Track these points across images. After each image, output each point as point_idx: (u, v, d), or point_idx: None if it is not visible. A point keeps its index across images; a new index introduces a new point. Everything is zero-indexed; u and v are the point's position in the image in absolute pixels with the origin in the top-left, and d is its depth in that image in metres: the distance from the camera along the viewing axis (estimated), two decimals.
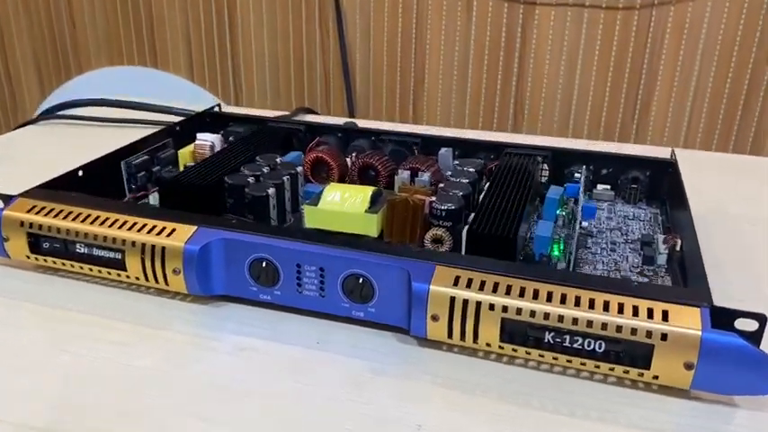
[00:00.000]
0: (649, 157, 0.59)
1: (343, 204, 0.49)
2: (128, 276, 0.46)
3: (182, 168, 0.61)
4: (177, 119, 0.72)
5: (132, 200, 0.57)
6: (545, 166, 0.59)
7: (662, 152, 0.62)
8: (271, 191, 0.50)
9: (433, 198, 0.49)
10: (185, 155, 0.63)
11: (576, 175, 0.56)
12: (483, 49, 1.40)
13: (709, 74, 1.30)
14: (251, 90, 1.59)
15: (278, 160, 0.56)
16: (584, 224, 0.51)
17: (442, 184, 0.51)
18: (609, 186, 0.59)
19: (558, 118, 1.41)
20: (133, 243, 0.45)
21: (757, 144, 1.33)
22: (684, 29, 1.29)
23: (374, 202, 0.49)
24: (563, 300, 0.38)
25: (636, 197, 0.58)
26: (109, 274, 0.47)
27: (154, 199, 0.57)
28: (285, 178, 0.52)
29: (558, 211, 0.53)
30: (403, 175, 0.55)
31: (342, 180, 0.59)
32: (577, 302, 0.38)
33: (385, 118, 1.51)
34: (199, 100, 1.66)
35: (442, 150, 0.60)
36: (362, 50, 1.48)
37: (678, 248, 0.47)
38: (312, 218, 0.49)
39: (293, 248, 0.44)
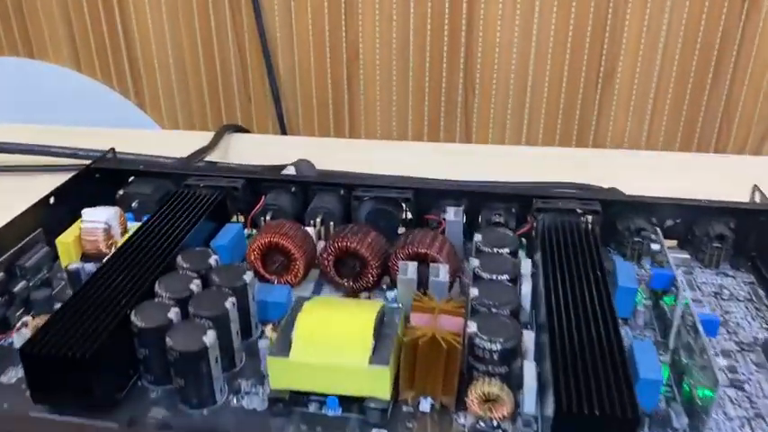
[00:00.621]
0: (729, 204, 0.43)
1: (332, 349, 0.30)
2: None
3: (67, 266, 0.41)
4: (52, 161, 0.50)
5: None
6: (589, 221, 0.42)
7: (728, 186, 0.46)
8: (209, 337, 0.31)
9: (473, 326, 0.31)
10: (67, 247, 0.42)
11: (654, 245, 0.39)
12: (425, 21, 1.21)
13: (678, 36, 1.16)
14: (152, 79, 1.34)
15: (211, 261, 0.37)
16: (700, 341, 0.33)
17: (472, 293, 0.33)
18: (675, 242, 0.43)
19: (514, 93, 1.25)
20: None
21: (728, 109, 1.21)
22: None
23: (379, 336, 0.31)
24: None
25: (719, 260, 0.42)
26: None
27: (20, 340, 0.36)
28: (228, 304, 0.33)
29: (637, 303, 0.37)
30: (407, 271, 0.36)
31: (307, 271, 0.40)
32: None
33: (317, 103, 1.31)
34: (88, 94, 1.40)
35: (451, 215, 0.42)
36: (284, 30, 1.26)
37: None
38: (281, 376, 0.31)
39: None
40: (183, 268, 0.36)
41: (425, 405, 0.32)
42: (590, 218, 0.41)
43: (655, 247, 0.39)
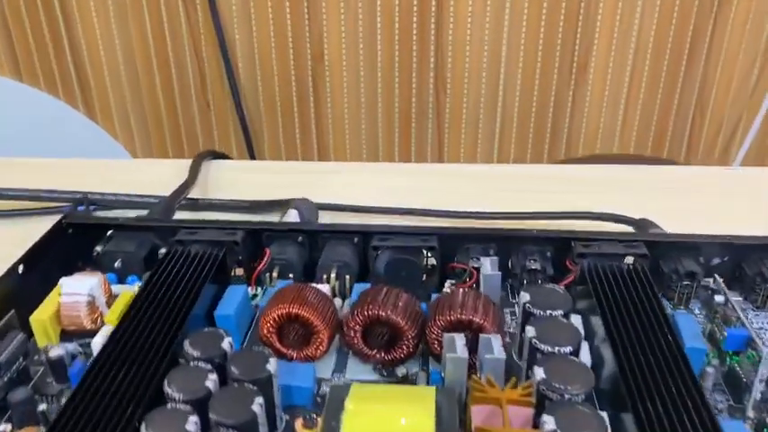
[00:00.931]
0: None
1: None
2: None
3: (46, 349, 0.35)
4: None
5: None
6: (639, 267, 0.38)
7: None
8: None
9: (550, 421, 0.27)
10: (44, 325, 0.36)
11: (717, 297, 0.36)
12: (392, 16, 1.16)
13: (651, 27, 1.14)
14: (101, 86, 1.25)
15: (225, 346, 0.31)
16: None
17: (538, 374, 0.29)
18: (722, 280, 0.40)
19: (486, 91, 1.21)
20: None
21: (702, 97, 1.20)
22: None
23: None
24: None
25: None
26: None
27: None
28: (256, 406, 0.28)
29: (703, 365, 0.33)
30: (456, 347, 0.31)
31: (330, 343, 0.35)
32: None
33: (281, 108, 1.24)
34: (33, 105, 1.30)
35: (487, 268, 0.37)
36: (242, 29, 1.19)
37: None
38: None
39: None
40: (194, 358, 0.31)
41: None
42: (638, 263, 0.37)
43: (718, 298, 0.35)
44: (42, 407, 0.32)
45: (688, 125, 1.23)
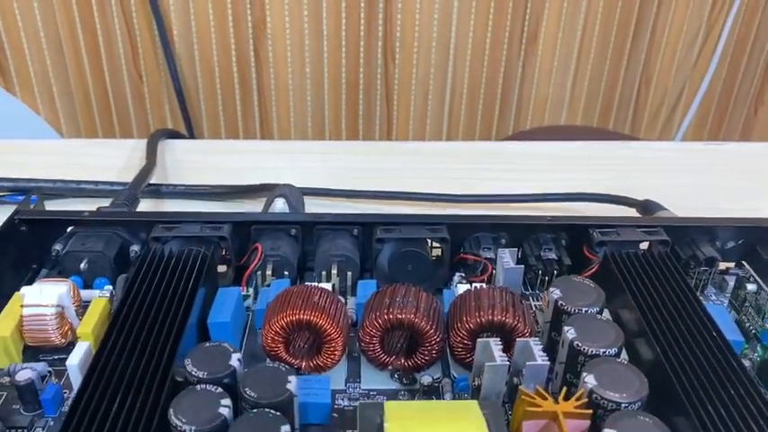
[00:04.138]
0: None
1: None
2: None
3: (10, 371, 0.30)
4: None
5: None
6: (662, 254, 0.36)
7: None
8: None
9: None
10: (5, 342, 0.31)
11: (750, 286, 0.34)
12: None
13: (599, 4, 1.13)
14: (20, 58, 1.14)
15: (234, 363, 0.27)
16: None
17: (589, 382, 0.26)
18: (733, 264, 0.39)
19: (436, 61, 1.17)
20: None
21: (648, 68, 1.21)
22: None
23: None
24: None
25: None
26: None
27: None
28: None
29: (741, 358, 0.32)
30: (495, 355, 0.28)
31: (344, 352, 0.32)
32: None
33: (220, 78, 1.17)
34: None
35: (507, 260, 0.34)
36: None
37: None
38: None
39: None
40: (200, 380, 0.26)
41: None
42: (657, 249, 0.35)
43: (751, 287, 0.33)
44: None
45: (633, 96, 1.24)
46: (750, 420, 0.26)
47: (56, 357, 0.32)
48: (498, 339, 0.29)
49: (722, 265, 0.38)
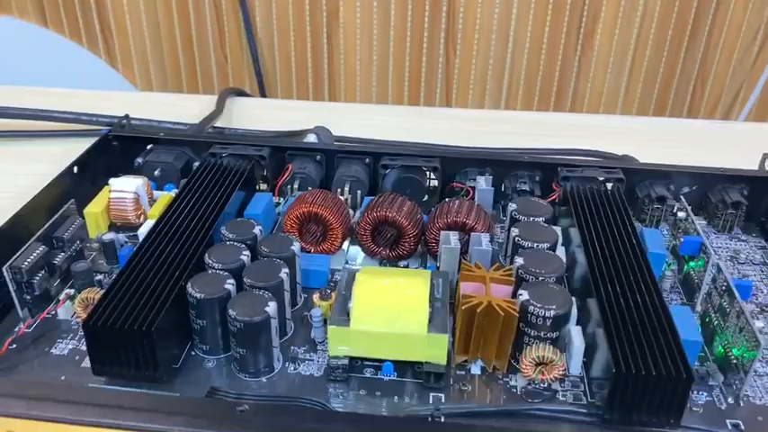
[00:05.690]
0: (743, 172, 0.45)
1: (391, 317, 0.31)
2: None
3: (98, 236, 0.40)
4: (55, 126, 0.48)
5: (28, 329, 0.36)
6: (611, 187, 0.43)
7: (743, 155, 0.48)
8: (271, 308, 0.31)
9: (525, 294, 0.32)
10: (95, 217, 0.42)
11: (680, 213, 0.41)
12: None
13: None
14: (123, 37, 1.30)
15: (256, 231, 0.37)
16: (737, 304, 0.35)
17: (517, 261, 0.34)
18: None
19: (495, 53, 1.25)
20: None
21: (704, 69, 1.24)
22: None
23: (432, 304, 0.32)
24: None
25: (732, 225, 0.44)
26: None
27: (65, 312, 0.36)
28: (283, 274, 0.34)
29: (663, 269, 0.39)
30: (450, 240, 0.37)
31: (344, 240, 0.41)
32: None
33: (296, 64, 1.29)
34: (55, 51, 1.35)
35: (482, 184, 0.42)
36: None
37: None
38: (340, 344, 0.32)
39: None
40: (230, 239, 0.36)
41: (476, 368, 0.33)
42: (615, 185, 0.43)
43: (681, 214, 0.40)
44: (99, 277, 0.38)
45: (688, 96, 1.27)
46: (639, 300, 0.32)
47: (132, 234, 0.42)
48: (457, 233, 0.37)
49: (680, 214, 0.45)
